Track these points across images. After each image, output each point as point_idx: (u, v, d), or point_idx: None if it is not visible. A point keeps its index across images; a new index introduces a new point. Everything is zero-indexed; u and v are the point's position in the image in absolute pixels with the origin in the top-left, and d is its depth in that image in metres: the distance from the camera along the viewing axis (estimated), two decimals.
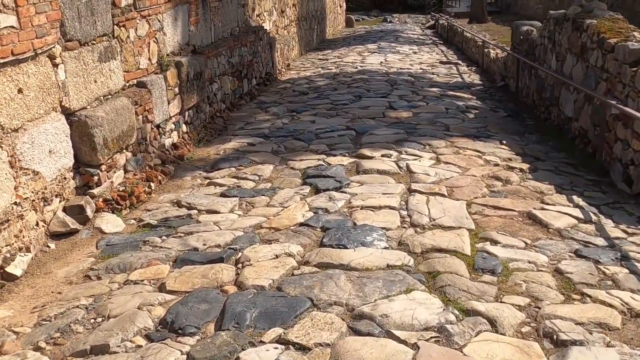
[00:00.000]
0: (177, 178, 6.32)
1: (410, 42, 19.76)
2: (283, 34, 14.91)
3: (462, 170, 6.10)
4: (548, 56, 8.85)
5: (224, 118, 8.72)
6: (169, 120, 6.82)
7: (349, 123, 8.21)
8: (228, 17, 9.69)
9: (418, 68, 13.67)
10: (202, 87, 7.83)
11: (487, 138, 7.43)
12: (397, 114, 8.66)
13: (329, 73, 12.99)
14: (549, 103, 8.67)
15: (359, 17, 34.61)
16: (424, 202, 5.12)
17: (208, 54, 8.24)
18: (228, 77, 9.22)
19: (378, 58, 15.21)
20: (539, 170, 6.22)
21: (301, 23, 17.61)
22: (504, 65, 11.82)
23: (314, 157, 6.68)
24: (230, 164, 6.59)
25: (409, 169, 6.10)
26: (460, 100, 9.96)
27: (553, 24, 8.64)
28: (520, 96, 10.28)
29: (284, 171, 6.28)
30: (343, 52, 17.02)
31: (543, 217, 4.80)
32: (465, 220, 4.73)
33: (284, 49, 13.60)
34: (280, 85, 11.83)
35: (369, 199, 5.18)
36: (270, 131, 8.01)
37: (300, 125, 8.26)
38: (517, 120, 8.90)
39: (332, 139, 7.36)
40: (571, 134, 7.65)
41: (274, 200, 5.38)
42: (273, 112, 9.28)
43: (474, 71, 13.68)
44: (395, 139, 7.22)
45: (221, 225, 4.85)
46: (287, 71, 13.74)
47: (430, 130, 7.66)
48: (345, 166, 6.28)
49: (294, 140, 7.43)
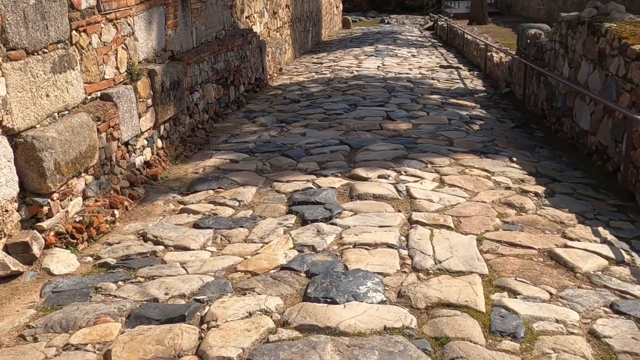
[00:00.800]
0: (148, 202, 5.58)
1: (409, 44, 19.04)
2: (275, 36, 14.18)
3: (470, 195, 5.38)
4: (559, 62, 8.13)
5: (206, 130, 7.98)
6: (140, 136, 6.09)
7: (342, 136, 7.48)
8: (212, 19, 8.96)
9: (417, 73, 12.95)
10: (181, 97, 7.10)
11: (495, 154, 6.70)
12: (395, 126, 7.93)
13: (323, 78, 12.26)
14: (560, 114, 7.95)
15: (356, 18, 33.90)
16: (427, 238, 4.39)
17: (188, 60, 7.50)
18: (212, 84, 8.49)
19: (375, 62, 14.49)
20: (556, 194, 5.50)
21: (295, 25, 16.88)
22: (508, 71, 11.11)
23: (302, 177, 5.95)
24: (208, 186, 5.86)
25: (409, 193, 5.37)
26: (464, 109, 9.23)
27: (565, 27, 7.92)
28: (528, 104, 9.56)
29: (267, 195, 5.55)
30: (339, 55, 16.30)
31: (568, 258, 4.08)
32: (476, 262, 4.01)
33: (275, 52, 12.87)
34: (271, 91, 11.10)
35: (363, 234, 4.45)
36: (256, 145, 7.28)
37: (290, 138, 7.53)
38: (525, 132, 8.18)
39: (323, 156, 6.63)
40: (587, 149, 6.93)
41: (253, 234, 4.65)
42: (261, 122, 8.55)
43: (476, 76, 12.97)
44: (394, 156, 6.49)
45: (189, 267, 4.12)
46: (279, 76, 13.01)
47: (432, 145, 6.93)
48: (337, 189, 5.55)
49: (281, 157, 6.70)
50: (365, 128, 7.83)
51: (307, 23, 18.76)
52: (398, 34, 23.06)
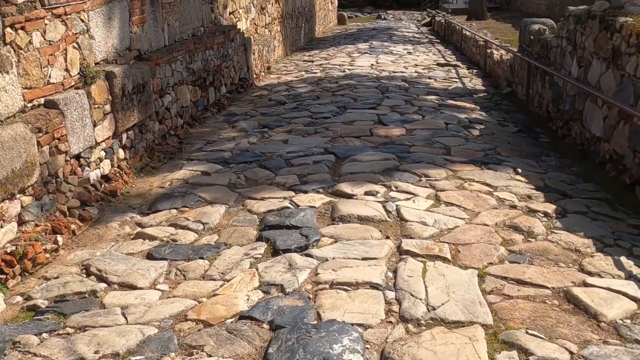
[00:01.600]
0: (102, 224, 4.87)
1: (405, 41, 18.31)
2: (263, 33, 13.45)
3: (470, 216, 4.66)
4: (567, 60, 7.41)
5: (179, 137, 7.26)
6: (95, 148, 5.36)
7: (328, 144, 6.76)
8: (189, 15, 8.23)
9: (413, 71, 12.22)
10: (148, 102, 6.38)
11: (497, 164, 5.99)
12: (387, 132, 7.21)
13: (312, 78, 11.53)
14: (568, 117, 7.24)
15: (352, 14, 33.13)
16: (419, 274, 3.68)
17: (157, 60, 6.78)
18: (187, 86, 7.76)
19: (369, 60, 13.76)
20: (568, 213, 4.79)
21: (286, 21, 16.14)
22: (510, 69, 10.39)
23: (279, 194, 5.24)
24: (172, 204, 5.14)
25: (399, 214, 4.65)
26: (462, 111, 8.52)
27: (573, 22, 7.20)
28: (532, 106, 8.85)
29: (237, 216, 4.83)
30: (331, 52, 15.56)
31: (589, 301, 3.37)
32: (478, 307, 3.29)
33: (262, 50, 12.14)
34: (256, 92, 10.37)
35: (342, 269, 3.73)
36: (232, 154, 6.56)
37: (270, 146, 6.81)
38: (530, 137, 7.47)
39: (305, 167, 5.91)
40: (600, 158, 6.23)
41: (213, 268, 3.93)
42: (241, 127, 7.82)
43: (475, 74, 12.25)
44: (384, 167, 5.78)
45: (130, 314, 3.40)
46: (266, 75, 12.28)
47: (427, 155, 6.21)
48: (317, 209, 4.83)
49: (258, 169, 5.98)
50: (354, 134, 7.11)
51: (299, 19, 18.03)
52: (394, 30, 22.33)
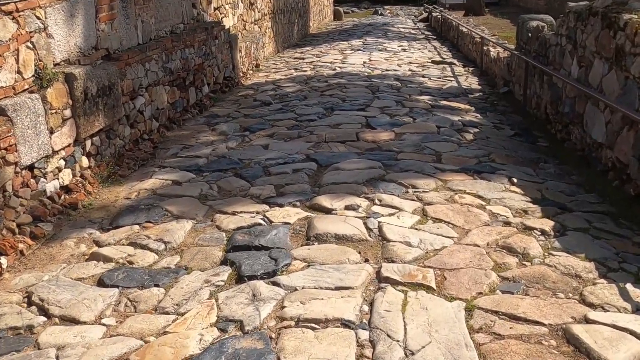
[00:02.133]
0: (56, 242, 4.43)
1: (400, 37, 17.85)
2: (252, 29, 12.98)
3: (459, 234, 4.23)
4: (567, 60, 6.97)
5: (153, 141, 6.81)
6: (52, 157, 4.92)
7: (311, 149, 6.32)
8: (166, 11, 7.77)
9: (406, 69, 11.77)
10: (115, 105, 5.93)
11: (491, 173, 5.55)
12: (374, 136, 6.76)
13: (301, 76, 11.07)
14: (568, 120, 6.80)
15: (349, 9, 32.68)
16: (399, 307, 3.25)
17: (128, 60, 6.32)
18: (164, 87, 7.31)
19: (361, 57, 13.30)
20: (568, 231, 4.35)
21: (277, 17, 15.68)
22: (507, 68, 9.94)
23: (252, 207, 4.79)
24: (135, 218, 4.71)
25: (381, 233, 4.21)
26: (456, 113, 8.07)
27: (574, 19, 6.75)
28: (529, 107, 8.41)
29: (204, 233, 4.39)
30: (323, 49, 15.10)
31: (591, 342, 2.93)
32: (464, 351, 2.86)
33: (250, 47, 11.68)
34: (242, 91, 9.92)
35: (312, 302, 3.30)
36: (207, 161, 6.12)
37: (249, 152, 6.36)
38: (527, 141, 7.03)
39: (284, 177, 5.47)
40: (601, 165, 5.79)
41: (168, 298, 3.49)
42: (221, 130, 7.38)
43: (472, 73, 11.80)
44: (368, 177, 5.33)
45: (65, 358, 2.96)
46: (254, 73, 11.82)
47: (415, 162, 5.77)
48: (291, 226, 4.39)
49: (233, 178, 5.54)
50: (340, 139, 6.66)
51: (292, 15, 17.55)
52: (390, 25, 21.86)
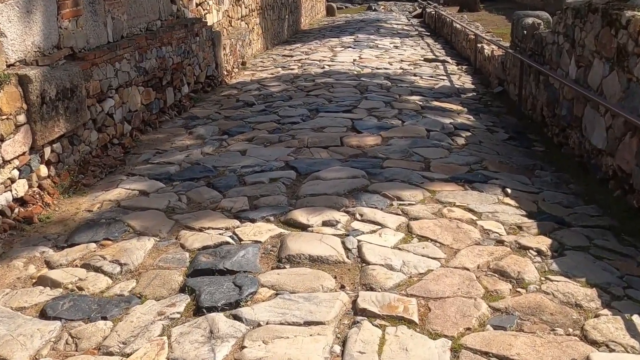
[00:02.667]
0: (4, 261, 4.01)
1: (393, 33, 17.43)
2: (239, 26, 12.55)
3: (447, 255, 3.82)
4: (564, 60, 6.57)
5: (124, 146, 6.38)
6: (3, 167, 4.49)
7: (291, 156, 5.90)
8: (141, 7, 7.34)
9: (398, 67, 11.35)
10: (79, 108, 5.50)
11: (483, 183, 5.15)
12: (360, 140, 6.34)
13: (288, 75, 10.65)
14: (565, 124, 6.40)
15: (342, 5, 32.27)
16: (375, 347, 2.84)
17: (95, 59, 5.89)
18: (137, 88, 6.88)
19: (351, 55, 12.87)
20: (567, 250, 3.95)
21: (267, 12, 15.24)
22: (501, 66, 9.54)
23: (222, 222, 4.38)
24: (94, 235, 4.29)
25: (360, 253, 3.81)
26: (448, 114, 7.66)
27: (572, 16, 6.35)
28: (524, 108, 8.01)
29: (166, 253, 3.98)
30: (313, 46, 14.66)
31: None
32: None
33: (236, 45, 11.24)
34: (225, 91, 9.49)
35: (276, 340, 2.89)
36: (180, 169, 5.70)
37: (225, 158, 5.94)
38: (522, 146, 6.64)
39: (259, 187, 5.05)
40: (601, 173, 5.40)
41: (115, 334, 3.08)
42: (199, 134, 6.96)
43: (465, 71, 11.40)
44: (350, 188, 4.92)
45: None
46: (240, 72, 11.39)
47: (402, 171, 5.35)
48: (262, 245, 3.98)
49: (205, 188, 5.12)
50: (322, 143, 6.25)
51: (282, 10, 17.12)
52: (383, 22, 21.44)
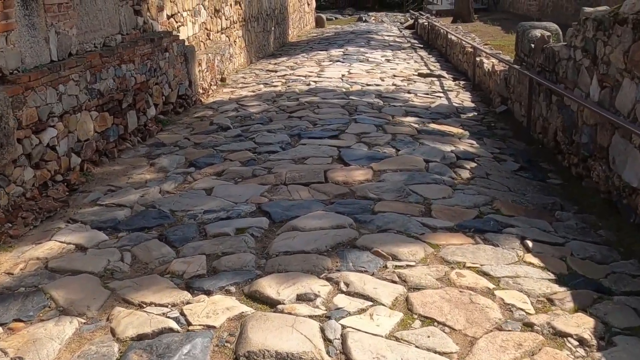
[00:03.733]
0: None
1: (384, 46, 16.56)
2: (218, 39, 11.62)
3: (461, 348, 2.87)
4: (583, 78, 5.66)
5: (70, 183, 5.41)
6: None
7: (265, 196, 4.95)
8: (95, 20, 6.39)
9: (390, 84, 10.45)
10: (5, 143, 4.53)
11: (497, 232, 4.21)
12: (347, 175, 5.40)
13: (270, 93, 9.71)
14: (586, 153, 5.48)
15: (332, 16, 31.50)
16: None
17: (29, 82, 4.93)
18: (89, 113, 5.92)
19: (340, 69, 11.95)
20: (615, 336, 3.01)
21: (250, 24, 14.34)
22: (504, 83, 8.64)
23: (168, 295, 3.41)
24: (3, 312, 3.32)
25: (345, 349, 2.85)
26: (448, 140, 6.74)
27: (593, 28, 5.44)
28: (534, 131, 7.11)
29: (90, 344, 3.00)
30: (300, 60, 13.75)
31: None
32: None
33: (213, 60, 10.30)
34: (199, 112, 8.55)
35: None
36: (132, 213, 4.74)
37: (186, 199, 4.98)
38: (535, 178, 5.73)
39: (222, 241, 4.09)
40: (637, 217, 4.47)
41: None
42: (162, 165, 6.01)
43: (463, 87, 10.51)
44: (334, 242, 3.96)
45: None
46: (219, 89, 10.46)
47: (398, 217, 4.40)
48: (216, 333, 3.01)
49: (156, 241, 4.16)
50: (303, 179, 5.30)
51: (267, 22, 16.23)
52: (374, 33, 20.59)
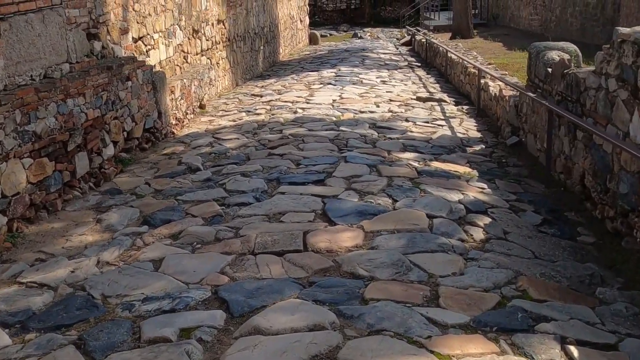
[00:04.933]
0: None
1: (380, 65, 15.56)
2: (197, 62, 10.62)
3: None
4: (620, 113, 4.64)
5: None
6: None
7: (226, 273, 3.89)
8: (32, 47, 5.36)
9: (386, 110, 9.43)
10: None
11: (526, 332, 3.15)
12: (332, 240, 4.33)
13: (252, 123, 8.68)
14: (628, 206, 4.44)
15: (327, 32, 30.62)
16: None
17: None
18: (20, 160, 4.87)
19: (331, 93, 10.91)
20: None
21: (236, 44, 13.35)
22: (515, 111, 7.63)
23: None
24: None
25: None
26: (454, 184, 5.69)
27: (633, 53, 4.41)
28: (554, 170, 6.08)
29: None
30: (288, 82, 12.73)
31: None
32: None
33: (190, 86, 9.28)
34: (169, 147, 7.52)
35: None
36: (53, 299, 3.69)
37: (126, 277, 3.91)
38: (563, 236, 4.70)
39: (157, 352, 3.02)
40: None
41: None
42: (109, 222, 4.96)
43: (466, 112, 9.50)
44: (308, 356, 2.89)
45: None
46: (196, 117, 9.44)
47: (395, 310, 3.32)
48: None
49: (69, 351, 3.09)
50: (277, 245, 4.24)
51: (255, 41, 15.25)
52: (369, 51, 19.63)
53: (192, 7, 10.37)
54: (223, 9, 12.27)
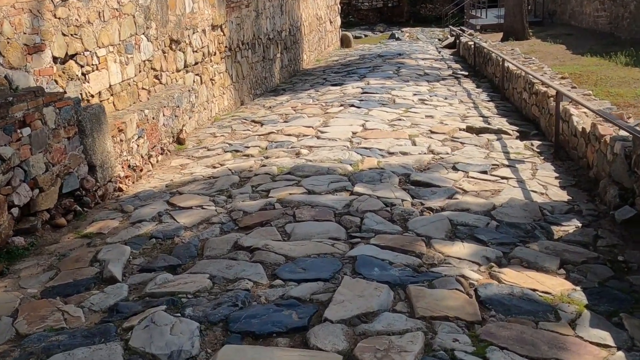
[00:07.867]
0: None
1: (419, 75, 12.83)
2: (176, 82, 8.14)
3: None
4: None
5: None
6: None
7: None
8: None
9: (424, 150, 6.75)
10: None
11: None
12: None
13: (232, 174, 6.13)
14: None
15: (361, 33, 27.92)
16: None
17: None
18: None
19: (352, 122, 8.24)
20: None
21: (241, 54, 10.86)
22: (625, 164, 4.87)
23: None
24: None
25: None
26: (552, 341, 3.01)
27: None
28: None
29: None
30: (302, 102, 10.12)
31: None
32: None
33: (157, 117, 6.78)
34: (98, 221, 5.05)
35: None
36: None
37: None
38: None
39: None
40: None
41: None
42: None
43: (539, 152, 6.77)
44: None
45: None
46: (168, 158, 6.97)
47: None
48: None
49: None
50: None
51: (269, 49, 12.74)
52: (406, 56, 16.88)
53: (167, 10, 7.89)
54: (220, 11, 9.77)
